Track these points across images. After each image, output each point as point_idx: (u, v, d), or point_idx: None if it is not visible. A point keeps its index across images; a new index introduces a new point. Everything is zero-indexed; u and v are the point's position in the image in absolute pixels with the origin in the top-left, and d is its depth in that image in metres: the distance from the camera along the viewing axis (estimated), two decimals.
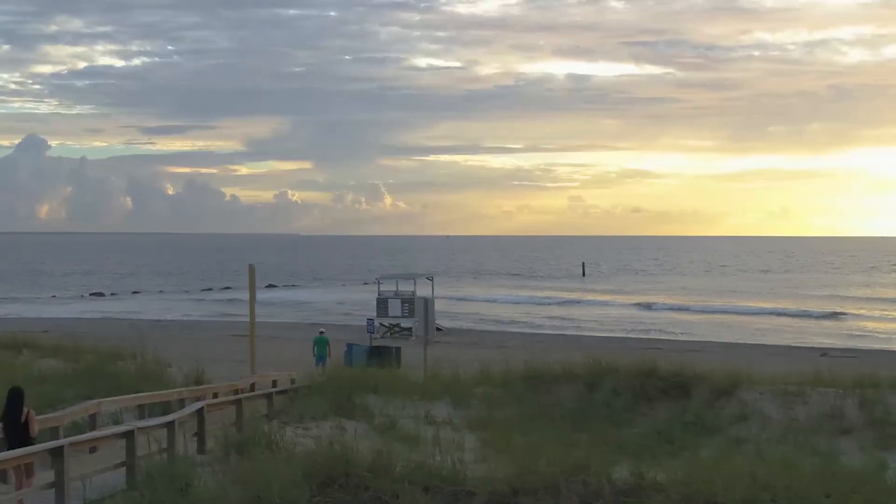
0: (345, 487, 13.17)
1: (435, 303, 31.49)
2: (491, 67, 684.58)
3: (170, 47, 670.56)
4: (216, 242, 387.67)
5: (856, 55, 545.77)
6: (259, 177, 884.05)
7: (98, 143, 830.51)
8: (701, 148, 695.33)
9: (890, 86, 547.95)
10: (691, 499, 12.68)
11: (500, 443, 18.50)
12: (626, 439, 19.89)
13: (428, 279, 50.86)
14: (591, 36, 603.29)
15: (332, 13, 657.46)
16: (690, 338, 57.61)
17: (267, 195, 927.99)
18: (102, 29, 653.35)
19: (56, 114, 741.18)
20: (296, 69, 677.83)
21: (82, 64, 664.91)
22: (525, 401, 22.76)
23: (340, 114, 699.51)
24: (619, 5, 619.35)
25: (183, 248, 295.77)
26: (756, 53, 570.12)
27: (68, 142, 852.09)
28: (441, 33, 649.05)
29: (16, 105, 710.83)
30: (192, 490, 13.07)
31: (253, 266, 28.97)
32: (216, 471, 14.44)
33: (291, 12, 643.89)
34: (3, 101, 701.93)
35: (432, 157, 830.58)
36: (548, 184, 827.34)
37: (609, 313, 78.72)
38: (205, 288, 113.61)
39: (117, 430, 13.93)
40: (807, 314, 76.73)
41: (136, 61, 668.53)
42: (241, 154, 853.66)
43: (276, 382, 26.77)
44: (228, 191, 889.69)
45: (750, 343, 49.79)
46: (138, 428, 13.94)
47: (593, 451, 15.42)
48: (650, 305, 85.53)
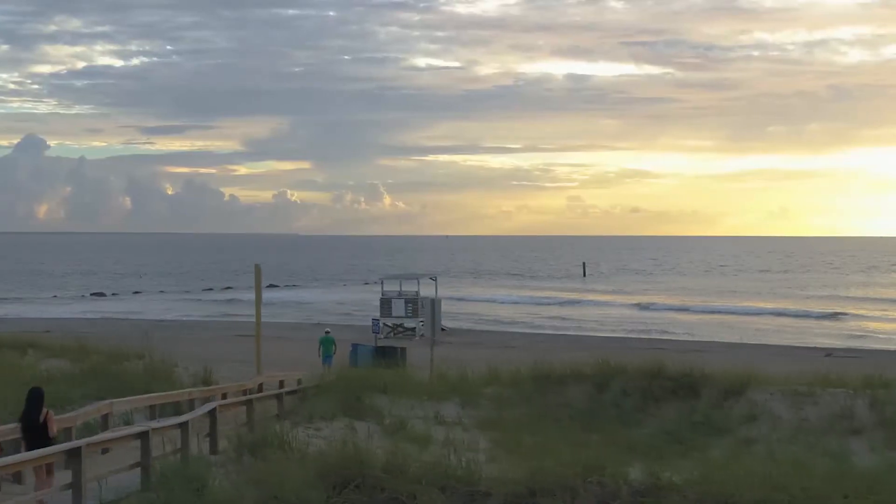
0: (361, 488, 13.16)
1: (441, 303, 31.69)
2: (490, 67, 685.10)
3: (169, 47, 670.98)
4: (215, 242, 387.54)
5: (855, 55, 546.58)
6: (258, 177, 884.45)
7: (97, 143, 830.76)
8: (700, 148, 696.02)
9: (889, 86, 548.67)
10: (707, 499, 12.67)
11: (511, 443, 18.51)
12: (636, 440, 19.89)
13: (431, 279, 50.88)
14: (591, 36, 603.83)
15: (332, 13, 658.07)
16: (692, 338, 57.66)
17: (266, 195, 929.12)
18: (101, 29, 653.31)
19: (55, 114, 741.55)
20: (295, 69, 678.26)
21: (81, 64, 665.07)
22: (534, 401, 22.74)
23: (339, 114, 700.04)
24: (619, 5, 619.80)
25: (182, 248, 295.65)
26: (755, 53, 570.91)
27: (67, 142, 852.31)
28: (440, 33, 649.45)
29: (15, 105, 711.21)
30: (208, 491, 13.06)
31: (259, 266, 28.95)
32: (230, 471, 14.44)
33: (290, 12, 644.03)
34: (2, 101, 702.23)
35: (431, 157, 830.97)
36: (547, 184, 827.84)
37: (610, 313, 78.76)
38: (206, 288, 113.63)
39: (133, 431, 13.91)
40: (807, 314, 76.82)
41: (136, 61, 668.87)
42: (240, 154, 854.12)
43: (283, 383, 26.76)
44: (227, 191, 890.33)
45: (753, 343, 49.78)
46: (153, 429, 13.91)
47: (605, 452, 15.42)
48: (651, 306, 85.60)
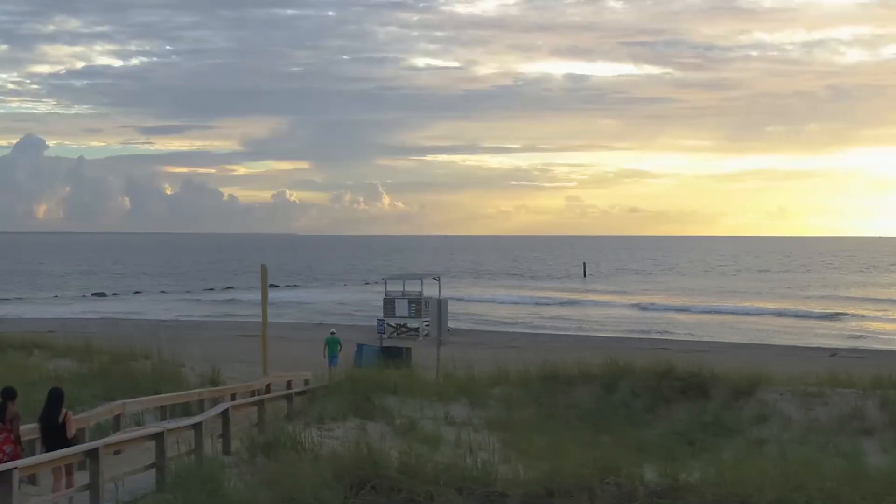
0: (377, 489, 13.15)
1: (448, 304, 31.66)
2: (489, 67, 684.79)
3: (168, 47, 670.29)
4: (214, 242, 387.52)
5: (854, 55, 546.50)
6: (257, 177, 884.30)
7: (96, 143, 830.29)
8: (699, 148, 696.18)
9: (888, 86, 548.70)
10: (725, 500, 12.67)
11: (521, 444, 18.49)
12: (646, 440, 19.89)
13: (434, 279, 50.86)
14: (590, 36, 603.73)
15: (331, 13, 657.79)
16: (695, 338, 57.65)
17: (265, 195, 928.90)
18: (100, 29, 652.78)
19: (54, 113, 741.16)
20: (294, 69, 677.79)
21: (80, 64, 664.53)
22: (542, 401, 22.74)
23: (338, 114, 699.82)
24: (618, 5, 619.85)
25: (181, 248, 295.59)
26: (754, 53, 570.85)
27: (66, 142, 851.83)
28: (439, 33, 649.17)
29: (13, 105, 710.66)
30: (223, 492, 13.04)
31: (265, 266, 28.88)
32: (244, 472, 14.43)
33: (289, 12, 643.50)
34: (1, 101, 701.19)
35: (430, 157, 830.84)
36: (545, 184, 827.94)
37: (612, 314, 78.77)
38: (206, 288, 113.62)
39: (149, 432, 13.89)
40: (808, 314, 76.89)
41: (135, 61, 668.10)
42: (239, 154, 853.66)
43: (291, 383, 26.73)
44: (226, 191, 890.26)
45: (756, 343, 49.80)
46: (168, 429, 13.89)
47: (616, 453, 15.41)
48: (652, 306, 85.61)
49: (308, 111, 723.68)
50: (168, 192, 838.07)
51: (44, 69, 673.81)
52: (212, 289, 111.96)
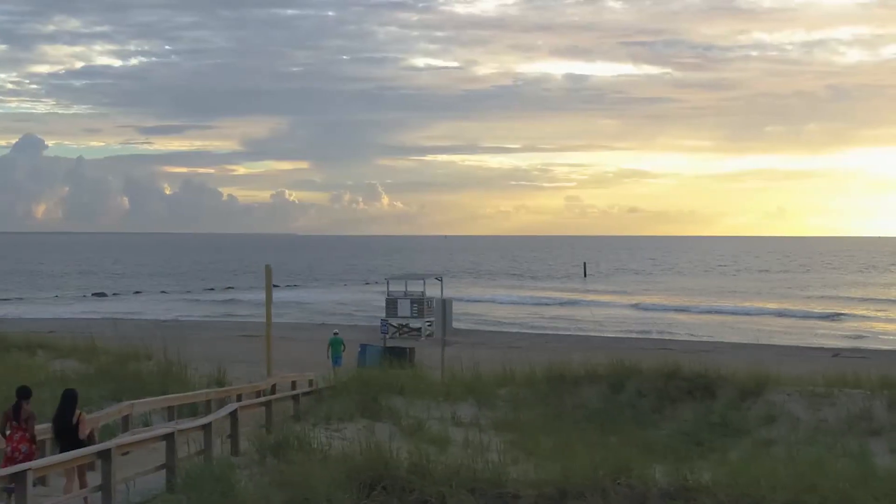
0: (388, 490, 13.12)
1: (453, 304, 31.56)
2: (489, 67, 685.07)
3: (167, 47, 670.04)
4: (214, 242, 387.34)
5: (854, 55, 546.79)
6: (256, 177, 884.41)
7: (95, 143, 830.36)
8: (698, 148, 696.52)
9: (888, 86, 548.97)
10: (738, 501, 12.64)
11: (529, 444, 18.45)
12: (654, 441, 19.82)
13: (437, 279, 50.81)
14: (589, 36, 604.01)
15: (330, 13, 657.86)
16: (697, 338, 57.66)
17: (264, 195, 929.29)
18: (100, 29, 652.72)
19: (53, 113, 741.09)
20: (293, 69, 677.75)
21: (80, 64, 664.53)
22: (549, 402, 22.69)
23: (338, 114, 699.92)
24: (617, 5, 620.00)
25: (181, 248, 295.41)
26: (754, 53, 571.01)
27: (65, 141, 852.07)
28: (439, 33, 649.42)
29: (13, 105, 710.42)
30: (235, 493, 13.00)
31: (269, 267, 28.86)
32: (253, 473, 14.39)
33: (289, 12, 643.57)
34: (1, 101, 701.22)
35: (430, 157, 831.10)
36: (545, 184, 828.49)
37: (613, 314, 78.74)
38: (207, 288, 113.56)
39: (159, 433, 13.85)
40: (808, 315, 76.89)
41: (134, 61, 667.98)
42: (239, 154, 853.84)
43: (295, 384, 26.70)
44: (226, 191, 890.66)
45: (758, 343, 49.58)
46: (178, 430, 13.85)
47: (625, 453, 15.36)
48: (652, 306, 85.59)
49: (308, 111, 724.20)
50: (167, 192, 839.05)
51: (43, 69, 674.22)
52: (212, 289, 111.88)
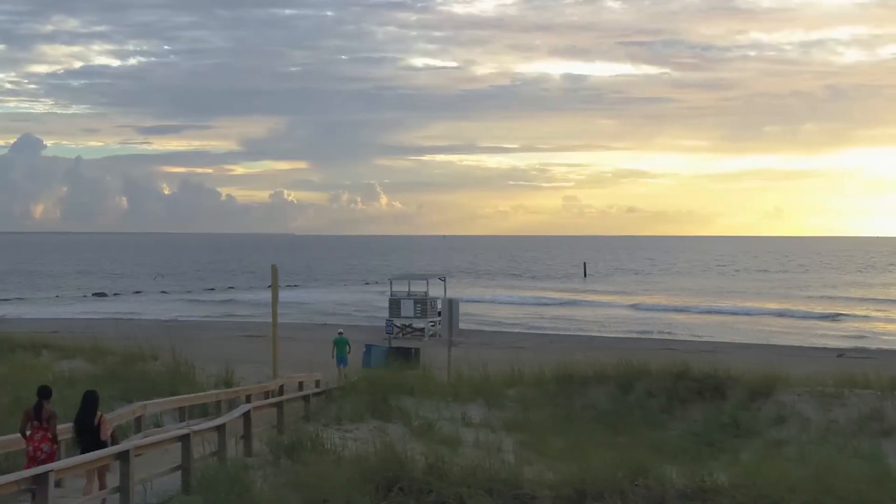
0: (406, 491, 13.10)
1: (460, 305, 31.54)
2: (487, 67, 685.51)
3: (166, 47, 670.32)
4: (212, 242, 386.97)
5: (852, 55, 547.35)
6: (254, 176, 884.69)
7: (94, 143, 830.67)
8: (696, 148, 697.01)
9: (885, 86, 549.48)
10: (756, 502, 12.62)
11: (540, 445, 18.44)
12: (664, 441, 19.78)
13: (440, 279, 50.75)
14: (588, 36, 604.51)
15: (329, 13, 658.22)
16: (700, 339, 57.57)
17: (262, 195, 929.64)
18: (98, 28, 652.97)
19: (52, 113, 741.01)
20: (292, 69, 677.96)
21: (78, 63, 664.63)
22: (558, 402, 22.68)
23: (336, 114, 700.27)
24: (616, 5, 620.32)
25: (180, 248, 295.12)
26: (752, 53, 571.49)
27: (64, 141, 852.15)
28: (438, 33, 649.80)
29: (11, 105, 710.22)
30: (251, 495, 12.97)
31: (276, 267, 28.79)
32: (268, 474, 14.35)
33: (288, 12, 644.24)
34: None
35: (428, 157, 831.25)
36: (543, 184, 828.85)
37: (614, 314, 78.72)
38: (207, 288, 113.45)
39: (175, 434, 13.81)
40: (808, 315, 76.85)
41: (133, 61, 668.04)
42: (237, 154, 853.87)
43: (303, 384, 26.66)
44: (224, 190, 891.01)
45: (761, 344, 49.58)
46: (193, 431, 13.82)
47: (639, 455, 15.33)
48: (653, 306, 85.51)
49: (306, 111, 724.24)
50: (166, 192, 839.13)
51: (42, 69, 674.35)
52: (212, 289, 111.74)
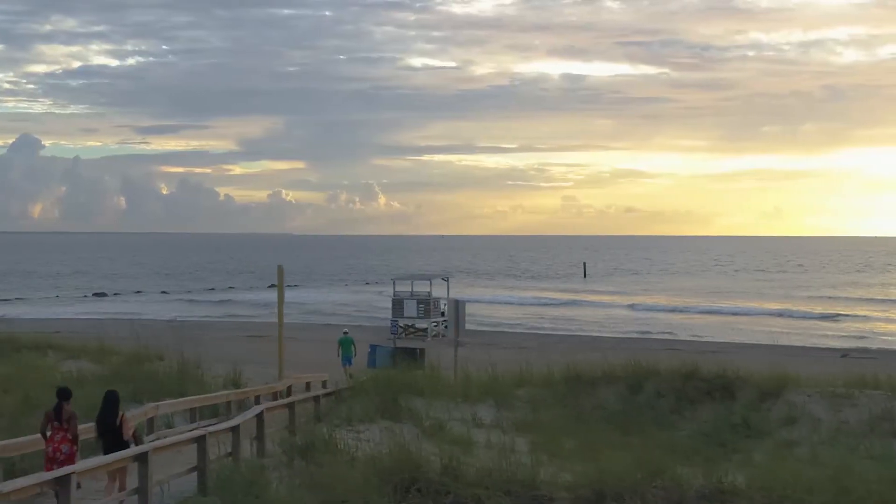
0: (424, 493, 13.09)
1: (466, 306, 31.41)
2: (486, 67, 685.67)
3: (164, 47, 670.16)
4: (211, 242, 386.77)
5: (850, 55, 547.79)
6: (253, 176, 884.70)
7: (92, 143, 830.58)
8: (695, 148, 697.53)
9: (884, 86, 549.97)
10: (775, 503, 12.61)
11: (551, 446, 18.38)
12: (675, 442, 19.71)
13: (443, 280, 50.55)
14: (586, 36, 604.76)
15: (327, 13, 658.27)
16: (701, 339, 57.61)
17: (261, 195, 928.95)
18: (97, 28, 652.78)
19: (50, 113, 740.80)
20: (290, 69, 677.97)
21: (76, 63, 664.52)
22: (568, 402, 22.64)
23: (335, 113, 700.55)
24: (614, 5, 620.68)
25: (178, 248, 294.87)
26: (751, 53, 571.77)
27: (62, 141, 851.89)
28: (436, 33, 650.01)
29: (10, 105, 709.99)
30: (267, 496, 12.95)
31: (282, 267, 28.78)
32: (282, 475, 14.33)
33: (286, 12, 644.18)
34: None
35: (426, 157, 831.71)
36: (542, 184, 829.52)
37: (615, 314, 78.80)
38: (207, 288, 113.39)
39: (192, 435, 13.78)
40: (808, 315, 76.95)
41: (131, 61, 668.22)
42: (235, 154, 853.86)
43: (309, 385, 26.65)
44: (222, 190, 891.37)
45: (764, 344, 49.63)
46: (209, 432, 13.79)
47: (653, 455, 15.30)
48: (654, 307, 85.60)
49: (304, 111, 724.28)
50: (164, 192, 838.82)
51: (40, 69, 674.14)
52: (213, 289, 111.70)
